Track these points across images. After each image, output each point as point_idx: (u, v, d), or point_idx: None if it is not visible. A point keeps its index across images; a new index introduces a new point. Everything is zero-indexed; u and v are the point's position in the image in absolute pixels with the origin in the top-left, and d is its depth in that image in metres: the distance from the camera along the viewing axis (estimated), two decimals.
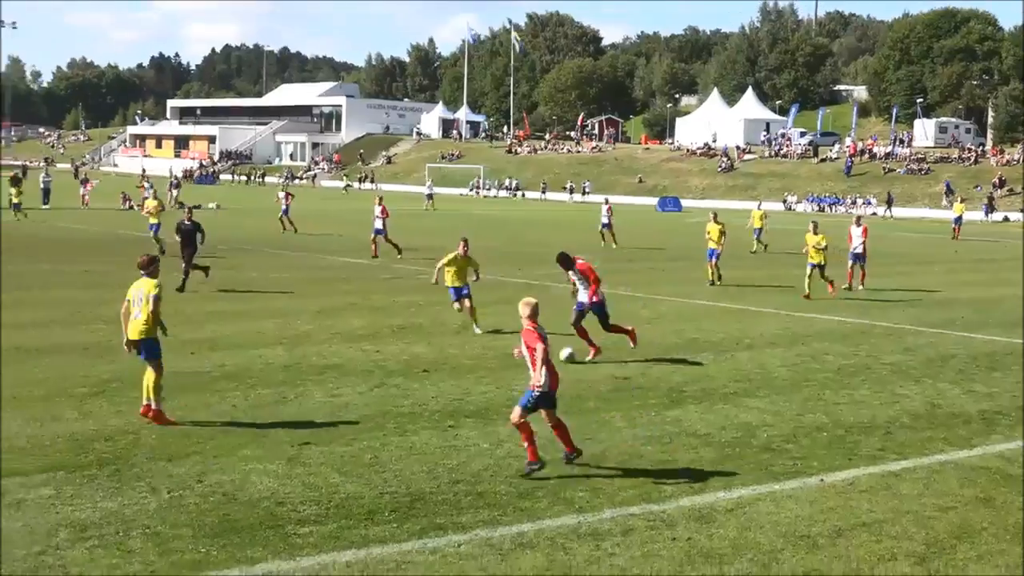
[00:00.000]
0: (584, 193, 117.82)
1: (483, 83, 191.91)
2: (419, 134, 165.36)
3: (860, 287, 33.65)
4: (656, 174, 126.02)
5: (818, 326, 26.64)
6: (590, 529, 11.28)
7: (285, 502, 11.96)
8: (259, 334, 22.88)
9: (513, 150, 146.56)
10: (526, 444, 13.08)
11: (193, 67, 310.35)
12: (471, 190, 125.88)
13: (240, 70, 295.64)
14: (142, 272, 15.47)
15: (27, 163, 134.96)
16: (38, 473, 12.76)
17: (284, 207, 53.19)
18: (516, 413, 13.16)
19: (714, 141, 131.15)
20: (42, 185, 72.60)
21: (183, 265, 29.39)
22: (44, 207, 66.84)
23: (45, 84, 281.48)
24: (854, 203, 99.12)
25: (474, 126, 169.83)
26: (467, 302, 23.95)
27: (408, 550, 10.60)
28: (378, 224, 42.53)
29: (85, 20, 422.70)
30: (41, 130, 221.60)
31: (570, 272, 21.74)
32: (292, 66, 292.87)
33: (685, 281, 33.67)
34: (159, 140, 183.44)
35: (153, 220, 39.26)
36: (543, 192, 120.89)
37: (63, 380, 17.74)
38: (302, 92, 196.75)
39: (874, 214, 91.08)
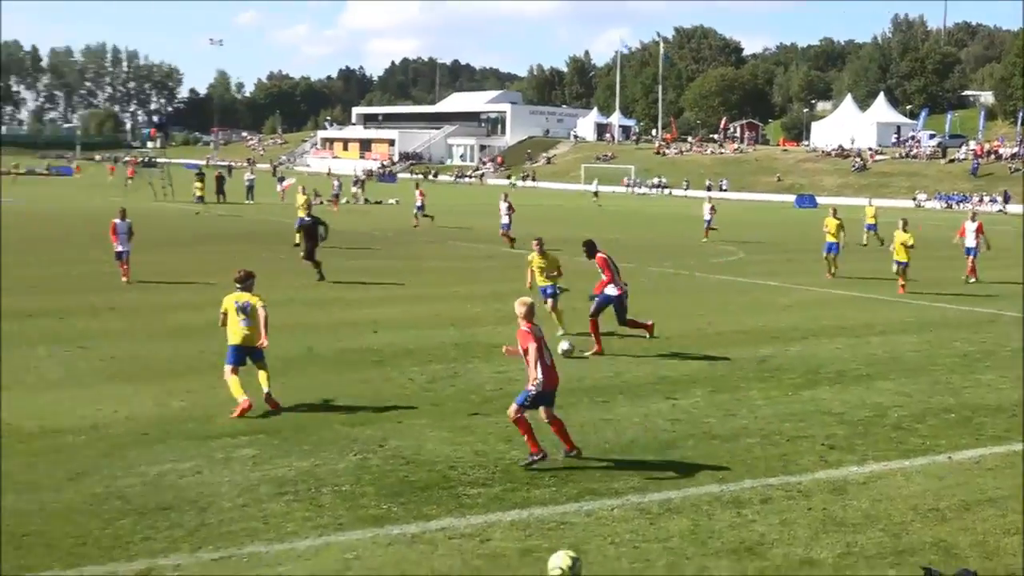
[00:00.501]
0: (722, 190, 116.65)
1: (634, 90, 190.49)
2: (576, 137, 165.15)
3: (972, 279, 32.50)
4: (793, 173, 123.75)
5: (945, 314, 25.89)
6: (731, 497, 11.18)
7: (456, 466, 12.11)
8: (436, 316, 23.15)
9: (661, 151, 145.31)
10: (526, 437, 12.18)
11: (375, 78, 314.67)
12: (627, 187, 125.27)
13: (416, 80, 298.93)
14: (238, 286, 14.89)
15: (232, 164, 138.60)
16: (242, 435, 13.13)
17: (419, 204, 51.41)
18: (512, 409, 12.17)
19: (852, 143, 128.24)
20: (246, 183, 74.41)
21: (301, 255, 29.63)
22: (248, 202, 68.43)
23: (248, 94, 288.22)
24: (980, 201, 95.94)
25: (625, 130, 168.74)
26: (551, 302, 21.46)
27: (566, 512, 10.64)
28: (504, 219, 43.09)
29: (283, 38, 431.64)
30: (244, 135, 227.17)
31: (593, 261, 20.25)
32: (462, 76, 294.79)
33: (820, 271, 33.00)
34: (345, 143, 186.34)
35: (301, 214, 39.81)
36: (686, 189, 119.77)
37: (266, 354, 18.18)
38: (471, 100, 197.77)
39: (1000, 211, 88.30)
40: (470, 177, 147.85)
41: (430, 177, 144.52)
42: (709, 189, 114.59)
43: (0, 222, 40.54)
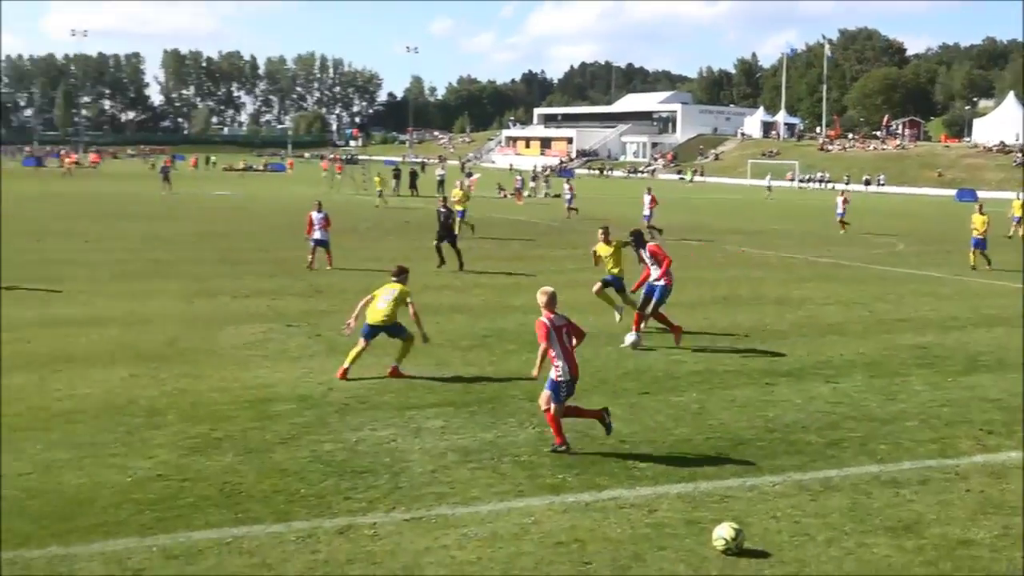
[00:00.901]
0: (880, 184, 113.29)
1: (799, 90, 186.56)
2: (742, 135, 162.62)
3: None
4: (954, 169, 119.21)
5: None
6: (890, 477, 10.83)
7: (627, 440, 12.06)
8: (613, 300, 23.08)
9: (824, 148, 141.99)
10: (581, 415, 11.79)
11: (556, 81, 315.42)
12: (791, 182, 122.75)
13: (593, 83, 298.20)
14: (393, 278, 15.33)
15: (425, 160, 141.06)
16: (431, 408, 13.36)
17: (569, 197, 53.22)
18: (549, 409, 11.50)
19: (1017, 139, 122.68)
20: (437, 177, 75.57)
21: (435, 243, 29.15)
22: (439, 195, 69.38)
23: (439, 97, 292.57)
24: None
25: (790, 127, 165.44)
26: (609, 291, 20.14)
27: (730, 486, 10.49)
28: (646, 211, 42.52)
29: (472, 45, 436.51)
30: (436, 134, 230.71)
31: (641, 251, 18.96)
32: (636, 78, 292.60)
33: (978, 264, 31.74)
34: (527, 141, 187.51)
35: (460, 207, 40.03)
36: (846, 183, 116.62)
37: (453, 334, 18.46)
38: (644, 100, 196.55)
39: None
40: (642, 172, 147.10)
41: (605, 172, 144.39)
42: (867, 184, 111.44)
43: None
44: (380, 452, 11.38)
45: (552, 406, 11.53)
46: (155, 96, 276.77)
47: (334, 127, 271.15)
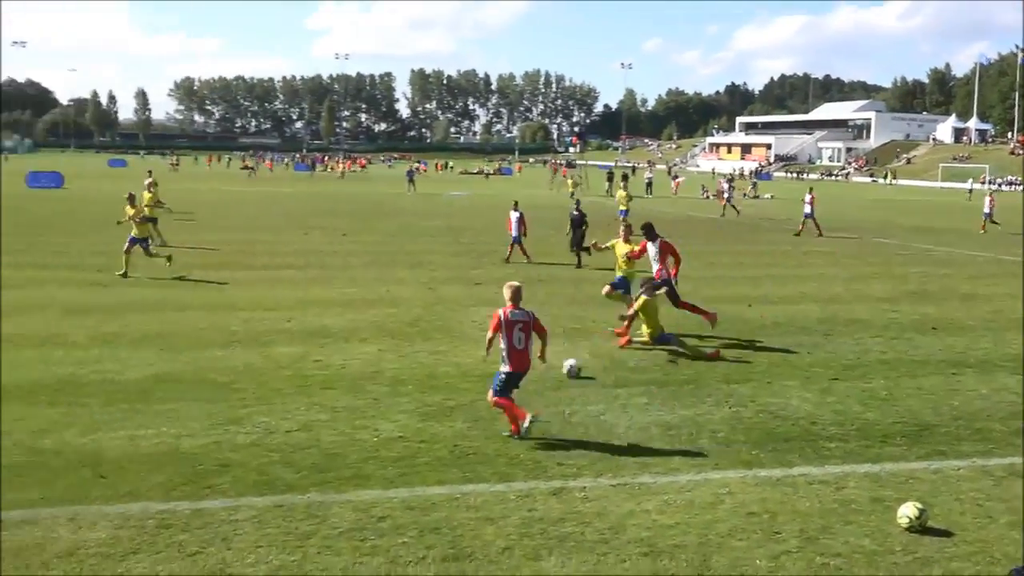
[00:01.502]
0: None
1: (990, 97, 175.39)
2: (934, 140, 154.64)
3: None
4: None
5: None
6: None
7: (817, 422, 11.67)
8: (802, 295, 22.39)
9: (1015, 152, 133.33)
10: (511, 410, 10.78)
11: (756, 92, 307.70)
12: (983, 185, 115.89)
13: (792, 93, 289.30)
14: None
15: (635, 164, 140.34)
16: (637, 386, 13.27)
17: (808, 211, 40.32)
18: (489, 396, 10.95)
19: None
20: (646, 180, 75.22)
21: (573, 248, 27.93)
22: (647, 196, 68.95)
23: (650, 107, 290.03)
24: None
25: (981, 133, 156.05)
26: (613, 291, 17.95)
27: (914, 469, 10.01)
28: (807, 209, 40.37)
29: (680, 60, 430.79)
30: (646, 141, 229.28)
31: (651, 244, 17.11)
32: (833, 89, 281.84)
33: None
34: (729, 147, 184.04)
35: (623, 206, 39.12)
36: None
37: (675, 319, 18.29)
38: (840, 109, 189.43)
39: None
40: (836, 176, 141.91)
41: (803, 176, 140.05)
42: None
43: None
44: (590, 424, 11.40)
45: (489, 392, 11.00)
46: (403, 110, 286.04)
47: (555, 135, 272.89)
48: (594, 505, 8.79)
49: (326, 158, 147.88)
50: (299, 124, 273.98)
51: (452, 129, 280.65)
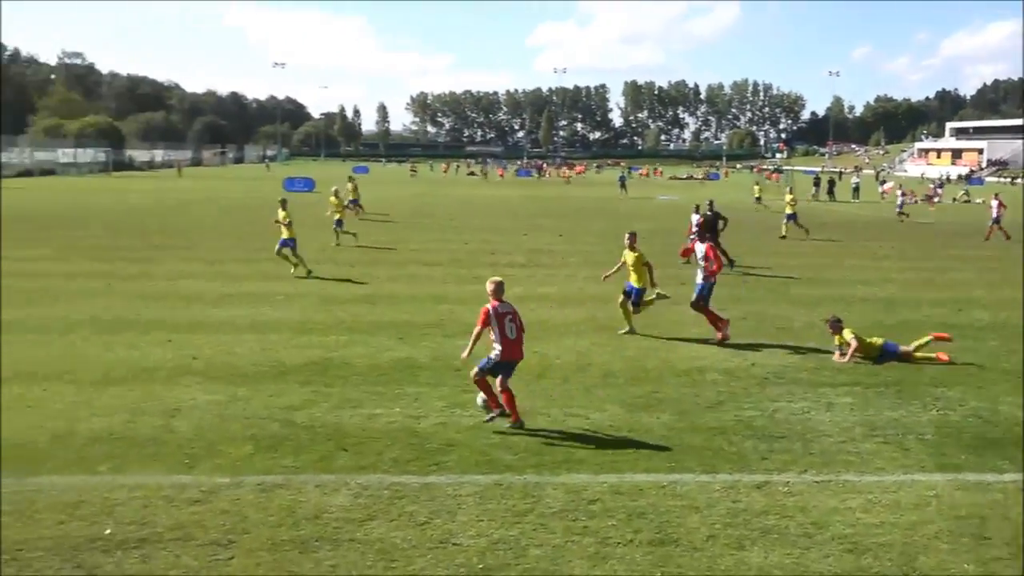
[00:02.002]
0: None
1: None
2: None
3: None
4: None
5: None
6: None
7: None
8: (1015, 300, 20.84)
9: None
10: (487, 396, 10.61)
11: (968, 97, 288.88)
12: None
13: (1006, 98, 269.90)
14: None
15: (842, 170, 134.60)
16: (842, 386, 12.69)
17: (995, 216, 37.49)
18: (472, 372, 10.69)
19: None
20: (852, 185, 71.97)
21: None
22: (853, 201, 65.89)
23: (857, 114, 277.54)
24: None
25: None
26: (627, 301, 16.17)
27: None
28: (994, 213, 37.28)
29: (889, 67, 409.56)
30: (853, 146, 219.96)
31: (699, 245, 16.24)
32: None
33: None
34: (939, 152, 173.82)
35: (789, 210, 37.01)
36: None
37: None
38: None
39: None
40: None
41: (1015, 181, 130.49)
42: None
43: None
44: (794, 421, 11.01)
45: (474, 368, 10.70)
46: (616, 119, 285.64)
47: (762, 142, 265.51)
48: (797, 500, 8.49)
49: (544, 165, 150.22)
50: (520, 133, 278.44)
51: (662, 137, 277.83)
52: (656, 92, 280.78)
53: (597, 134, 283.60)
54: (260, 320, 16.75)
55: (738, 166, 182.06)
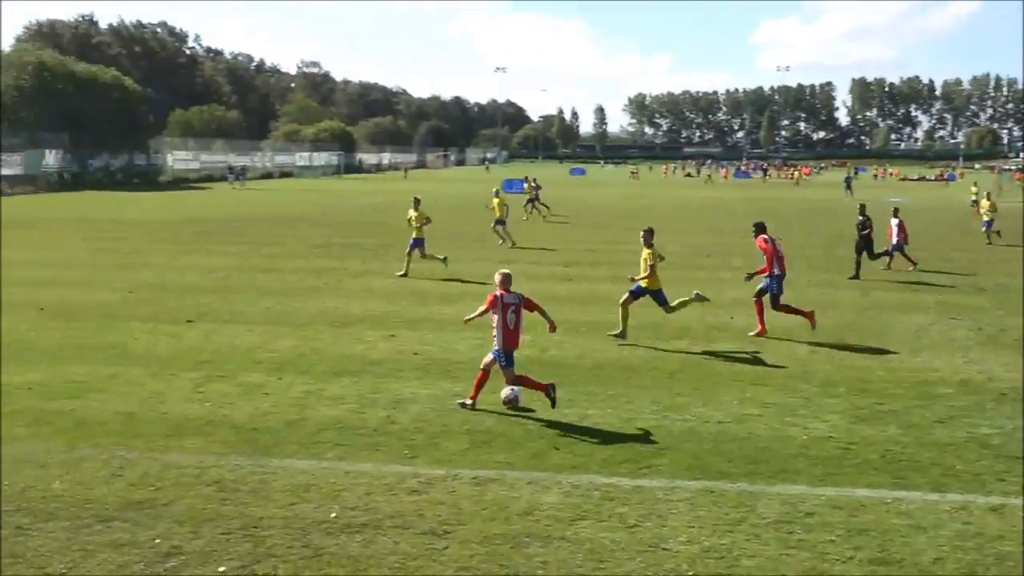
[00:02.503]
0: None
1: None
2: None
3: None
4: None
5: None
6: None
7: None
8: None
9: None
10: (530, 385, 11.06)
11: None
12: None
13: None
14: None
15: None
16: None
17: None
18: (487, 360, 11.32)
19: None
20: None
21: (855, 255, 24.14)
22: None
23: None
24: None
25: None
26: (631, 301, 15.63)
27: None
28: None
29: None
30: None
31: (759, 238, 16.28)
32: None
33: None
34: None
35: (987, 217, 33.48)
36: None
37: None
38: None
39: None
40: None
41: None
42: None
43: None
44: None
45: (488, 356, 11.28)
46: (842, 118, 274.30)
47: (1005, 141, 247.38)
48: None
49: (768, 166, 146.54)
50: (740, 134, 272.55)
51: (892, 136, 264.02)
52: (886, 89, 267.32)
53: (821, 134, 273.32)
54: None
55: (976, 166, 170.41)
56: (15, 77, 69.16)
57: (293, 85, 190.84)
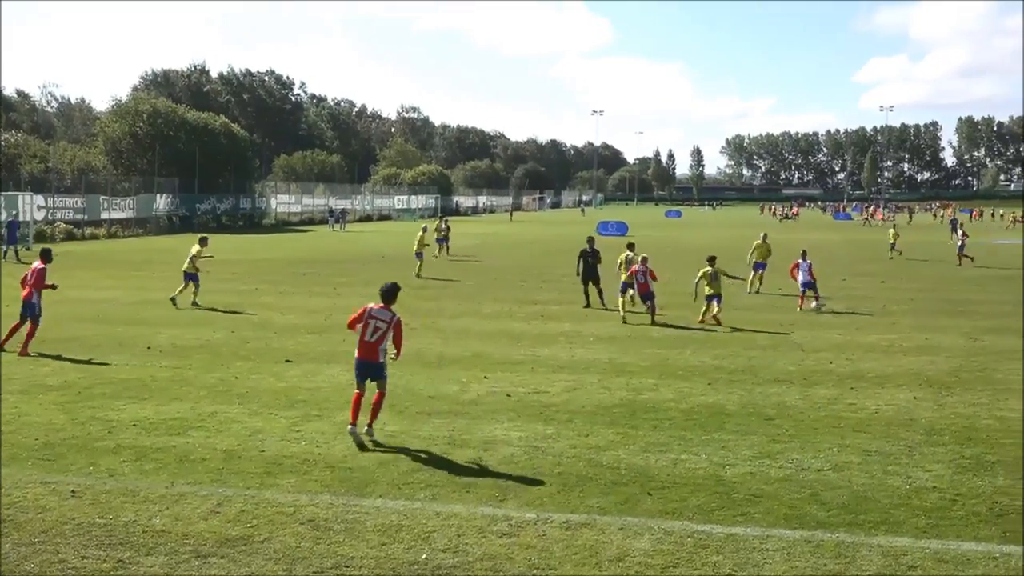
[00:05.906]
0: None
1: None
2: None
3: None
4: None
5: None
6: None
7: None
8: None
9: None
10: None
11: None
12: None
13: None
14: None
15: None
16: None
17: None
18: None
19: None
20: None
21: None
22: None
23: None
24: None
25: None
26: (714, 305, 21.57)
27: None
28: None
29: None
30: None
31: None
32: None
33: None
34: None
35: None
36: None
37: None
38: None
39: None
40: None
41: None
42: None
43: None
44: None
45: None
46: (948, 158, 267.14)
47: None
48: None
49: (866, 206, 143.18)
50: (841, 175, 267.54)
51: (1001, 177, 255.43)
52: (995, 128, 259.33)
53: (926, 174, 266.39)
54: (572, 360, 17.18)
55: None
56: (131, 124, 72.22)
57: (393, 130, 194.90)
